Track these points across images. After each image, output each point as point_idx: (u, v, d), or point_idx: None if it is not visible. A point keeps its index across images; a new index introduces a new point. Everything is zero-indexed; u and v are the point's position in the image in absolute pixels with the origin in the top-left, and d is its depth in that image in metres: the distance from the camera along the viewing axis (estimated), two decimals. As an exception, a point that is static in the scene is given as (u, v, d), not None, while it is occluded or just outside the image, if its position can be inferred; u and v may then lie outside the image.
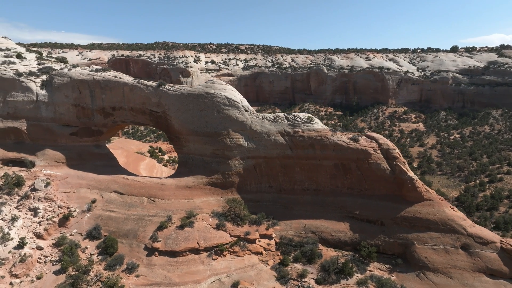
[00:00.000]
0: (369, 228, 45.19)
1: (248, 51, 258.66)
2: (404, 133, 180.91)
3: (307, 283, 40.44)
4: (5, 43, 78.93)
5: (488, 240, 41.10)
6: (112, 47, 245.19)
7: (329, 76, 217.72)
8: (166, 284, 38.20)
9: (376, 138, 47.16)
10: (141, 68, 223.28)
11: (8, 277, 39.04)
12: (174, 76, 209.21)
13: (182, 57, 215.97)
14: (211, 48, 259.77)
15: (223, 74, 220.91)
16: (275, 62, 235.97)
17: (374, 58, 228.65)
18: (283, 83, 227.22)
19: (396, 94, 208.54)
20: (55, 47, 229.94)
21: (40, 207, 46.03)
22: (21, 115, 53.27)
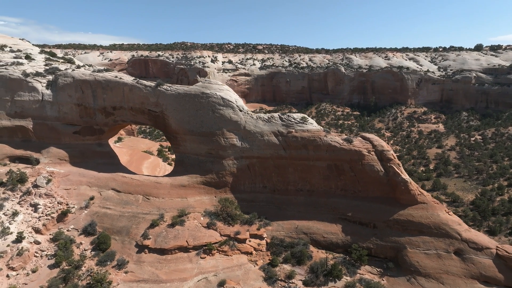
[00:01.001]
0: (361, 230, 44.49)
1: (266, 51, 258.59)
2: (422, 134, 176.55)
3: (294, 284, 40.26)
4: (21, 44, 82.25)
5: (483, 245, 39.69)
6: (133, 48, 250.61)
7: (346, 76, 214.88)
8: (153, 281, 38.89)
9: (370, 139, 46.34)
10: (159, 68, 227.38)
11: (5, 270, 40.73)
12: (192, 76, 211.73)
13: (200, 57, 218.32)
14: (229, 48, 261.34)
15: (240, 74, 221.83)
16: (292, 61, 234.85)
17: (393, 57, 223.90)
18: (300, 83, 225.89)
19: (415, 94, 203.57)
20: (78, 48, 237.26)
21: (40, 203, 47.73)
22: (28, 114, 55.34)
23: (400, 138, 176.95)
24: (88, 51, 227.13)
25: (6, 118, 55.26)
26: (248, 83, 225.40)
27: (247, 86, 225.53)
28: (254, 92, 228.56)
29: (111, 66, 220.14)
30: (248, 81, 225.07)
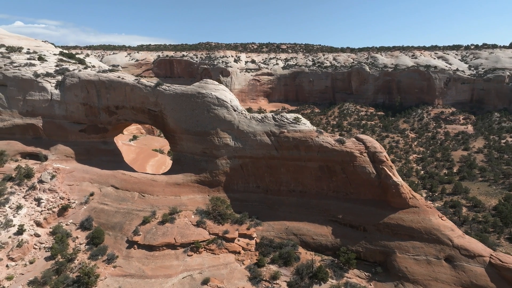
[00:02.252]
0: (351, 233, 43.63)
1: (289, 50, 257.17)
2: (449, 136, 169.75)
3: (278, 285, 40.12)
4: (43, 46, 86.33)
5: (476, 253, 37.90)
6: (159, 48, 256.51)
7: (371, 75, 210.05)
8: (139, 277, 39.93)
9: (364, 140, 45.29)
10: (184, 68, 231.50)
11: (6, 260, 43.09)
12: (215, 76, 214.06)
13: (223, 57, 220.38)
14: (253, 48, 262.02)
15: (263, 73, 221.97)
16: (316, 61, 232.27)
17: (420, 56, 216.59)
18: (323, 83, 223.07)
19: (443, 94, 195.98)
20: (107, 49, 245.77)
21: (43, 197, 50.08)
22: (38, 113, 58.13)
23: (425, 140, 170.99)
24: (117, 52, 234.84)
25: (19, 116, 58.31)
26: (271, 83, 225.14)
27: (270, 86, 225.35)
28: (276, 91, 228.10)
29: (137, 66, 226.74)
30: (270, 80, 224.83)
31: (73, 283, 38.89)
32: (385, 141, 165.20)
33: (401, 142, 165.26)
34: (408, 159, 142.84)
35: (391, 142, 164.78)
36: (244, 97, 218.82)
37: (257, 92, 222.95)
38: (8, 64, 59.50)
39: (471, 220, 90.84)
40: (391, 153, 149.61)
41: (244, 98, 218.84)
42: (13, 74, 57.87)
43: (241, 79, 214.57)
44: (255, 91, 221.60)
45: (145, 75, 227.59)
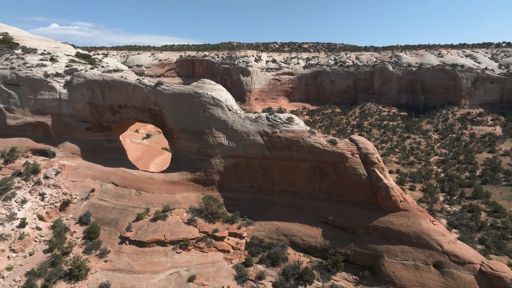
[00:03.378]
0: (341, 235, 42.95)
1: (311, 50, 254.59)
2: (474, 137, 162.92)
3: (263, 285, 40.13)
4: (62, 47, 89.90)
5: (466, 260, 36.42)
6: (182, 48, 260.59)
7: (394, 74, 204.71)
8: (127, 271, 41.01)
9: (356, 141, 44.42)
10: (205, 68, 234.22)
11: (8, 251, 45.35)
12: (235, 76, 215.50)
13: (244, 56, 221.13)
14: (274, 47, 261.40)
15: (284, 73, 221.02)
16: (338, 60, 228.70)
17: (447, 54, 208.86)
18: (345, 82, 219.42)
19: (470, 94, 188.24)
20: (132, 49, 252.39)
21: (47, 192, 52.25)
22: (47, 111, 60.64)
23: (449, 141, 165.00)
24: (141, 52, 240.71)
25: (30, 114, 61.03)
26: (292, 82, 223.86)
27: (291, 85, 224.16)
28: (297, 91, 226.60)
29: (160, 66, 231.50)
30: (291, 80, 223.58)
31: (65, 275, 40.48)
32: (405, 142, 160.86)
33: (423, 143, 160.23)
34: (428, 161, 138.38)
35: (412, 143, 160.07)
36: (265, 96, 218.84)
37: (278, 91, 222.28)
38: (21, 64, 62.41)
39: (489, 226, 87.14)
40: (411, 155, 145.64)
41: (265, 97, 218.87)
42: (25, 74, 60.62)
43: (261, 79, 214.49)
44: (275, 91, 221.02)
45: (168, 74, 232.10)
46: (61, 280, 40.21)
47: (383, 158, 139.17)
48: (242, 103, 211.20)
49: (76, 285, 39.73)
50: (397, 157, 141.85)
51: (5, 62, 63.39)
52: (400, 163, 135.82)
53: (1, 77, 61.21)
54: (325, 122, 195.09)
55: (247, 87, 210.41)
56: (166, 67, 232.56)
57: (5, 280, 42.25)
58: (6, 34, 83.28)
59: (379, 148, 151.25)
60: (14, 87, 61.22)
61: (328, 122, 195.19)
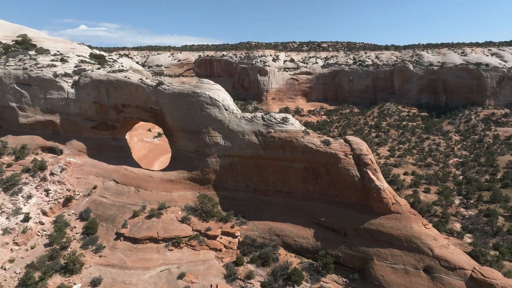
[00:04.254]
0: (332, 237, 42.44)
1: (330, 49, 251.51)
2: (498, 139, 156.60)
3: (252, 284, 40.23)
4: (78, 48, 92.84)
5: (457, 265, 35.27)
6: (201, 48, 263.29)
7: (415, 74, 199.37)
8: (119, 267, 41.99)
9: (350, 142, 43.76)
10: (223, 68, 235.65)
11: (11, 244, 47.32)
12: (252, 75, 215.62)
13: (261, 56, 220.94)
14: (293, 47, 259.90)
15: (301, 72, 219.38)
16: (357, 59, 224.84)
17: (471, 53, 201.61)
18: (364, 81, 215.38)
19: (495, 94, 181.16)
20: (153, 50, 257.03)
21: (52, 188, 54.12)
22: (56, 110, 62.75)
23: (471, 143, 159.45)
24: (161, 52, 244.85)
25: (40, 113, 63.32)
26: (309, 82, 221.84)
27: (308, 85, 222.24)
28: (315, 91, 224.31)
29: (179, 66, 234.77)
30: (309, 79, 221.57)
31: (60, 269, 41.88)
32: (424, 144, 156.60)
33: (443, 144, 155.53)
34: (446, 163, 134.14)
35: (431, 144, 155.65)
36: (282, 96, 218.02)
37: (295, 91, 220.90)
38: (33, 65, 64.84)
39: (505, 231, 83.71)
40: (429, 156, 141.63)
41: (282, 97, 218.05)
42: (36, 74, 62.94)
43: (278, 78, 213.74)
44: (293, 90, 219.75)
45: (186, 74, 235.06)
46: (57, 273, 41.61)
47: (399, 160, 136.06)
48: (259, 102, 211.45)
49: (71, 278, 41.04)
50: (414, 159, 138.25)
51: (18, 63, 66.01)
52: (417, 164, 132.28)
53: (14, 77, 63.77)
54: (342, 122, 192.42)
55: (264, 86, 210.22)
56: (185, 67, 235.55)
57: (7, 272, 44.10)
58: (25, 35, 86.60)
59: (396, 149, 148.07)
60: (26, 86, 63.66)
61: (346, 122, 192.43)
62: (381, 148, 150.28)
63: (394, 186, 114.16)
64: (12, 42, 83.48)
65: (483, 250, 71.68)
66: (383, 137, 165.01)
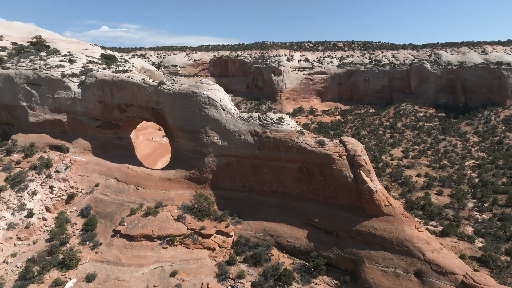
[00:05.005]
0: (325, 238, 42.04)
1: (346, 48, 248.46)
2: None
3: (242, 284, 40.30)
4: (90, 49, 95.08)
5: (448, 270, 34.33)
6: (216, 48, 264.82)
7: (432, 73, 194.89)
8: (114, 263, 42.82)
9: (346, 142, 43.15)
10: (238, 68, 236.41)
11: (15, 239, 48.91)
12: (267, 75, 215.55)
13: (276, 56, 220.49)
14: (308, 46, 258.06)
15: (316, 72, 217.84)
16: (373, 59, 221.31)
17: (492, 51, 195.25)
18: (380, 81, 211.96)
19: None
20: (169, 50, 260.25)
21: (56, 186, 55.62)
22: (63, 110, 64.42)
23: (489, 144, 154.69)
24: (177, 53, 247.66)
25: (49, 112, 65.14)
26: (324, 82, 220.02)
27: (323, 85, 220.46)
28: (330, 90, 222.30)
29: (194, 66, 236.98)
30: (324, 79, 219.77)
31: (58, 264, 43.01)
32: (440, 145, 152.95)
33: (459, 146, 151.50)
34: (462, 165, 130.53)
35: (447, 145, 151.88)
36: (296, 96, 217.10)
37: (310, 91, 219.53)
38: (42, 66, 66.81)
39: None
40: (445, 158, 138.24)
41: (296, 97, 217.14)
42: (45, 74, 64.78)
43: (293, 78, 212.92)
44: (307, 90, 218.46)
45: (201, 74, 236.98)
46: (54, 268, 42.79)
47: (413, 161, 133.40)
48: (273, 102, 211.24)
49: (67, 274, 42.11)
50: (428, 160, 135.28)
51: (29, 64, 68.15)
52: (431, 166, 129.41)
53: (25, 77, 65.83)
54: (357, 123, 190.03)
55: (278, 86, 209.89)
56: (200, 67, 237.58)
57: (9, 265, 45.64)
58: (40, 37, 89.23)
59: (410, 150, 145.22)
60: (36, 86, 65.61)
61: (360, 122, 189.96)
62: (394, 149, 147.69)
63: (405, 188, 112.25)
64: (27, 43, 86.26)
65: (494, 255, 69.54)
66: (398, 138, 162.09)
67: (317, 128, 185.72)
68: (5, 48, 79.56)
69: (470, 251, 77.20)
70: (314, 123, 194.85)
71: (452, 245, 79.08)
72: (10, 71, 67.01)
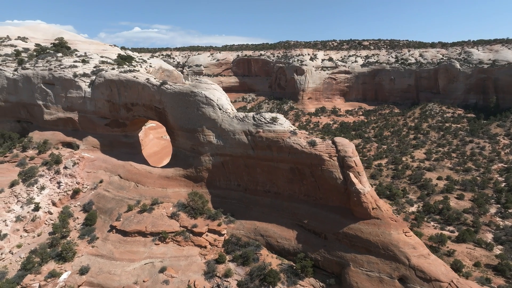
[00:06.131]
0: (313, 240, 41.48)
1: (372, 47, 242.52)
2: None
3: (228, 283, 40.51)
4: (109, 49, 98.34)
5: (432, 277, 33.00)
6: (240, 48, 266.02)
7: (461, 72, 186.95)
8: (107, 258, 44.15)
9: (337, 143, 42.32)
10: (260, 67, 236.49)
11: (21, 231, 51.44)
12: (289, 74, 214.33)
13: (299, 55, 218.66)
14: (333, 45, 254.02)
15: (340, 71, 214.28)
16: (400, 57, 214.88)
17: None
18: (406, 81, 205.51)
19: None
20: (193, 50, 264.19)
21: (63, 181, 57.96)
22: (75, 108, 67.01)
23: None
24: (201, 53, 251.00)
25: (62, 111, 67.96)
26: (348, 81, 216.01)
27: (347, 84, 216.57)
28: (354, 90, 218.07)
29: (218, 65, 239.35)
30: (348, 79, 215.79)
31: (56, 256, 44.86)
32: (466, 147, 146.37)
33: (488, 148, 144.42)
34: (489, 169, 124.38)
35: (474, 148, 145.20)
36: (319, 95, 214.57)
37: (333, 91, 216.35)
38: (57, 66, 69.76)
39: (544, 245, 76.29)
40: (470, 161, 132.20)
41: (319, 97, 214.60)
42: (59, 74, 67.62)
43: (315, 78, 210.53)
44: (330, 90, 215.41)
45: (225, 74, 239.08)
46: (52, 260, 44.66)
47: (435, 163, 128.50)
48: (295, 102, 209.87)
49: (63, 266, 43.85)
50: (452, 163, 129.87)
51: (45, 64, 71.32)
52: (454, 169, 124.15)
53: (41, 77, 69.00)
54: (380, 123, 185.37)
55: (301, 86, 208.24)
56: (223, 67, 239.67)
57: (13, 256, 48.10)
58: (61, 38, 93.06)
59: (433, 152, 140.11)
60: (51, 86, 68.60)
61: (383, 123, 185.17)
62: (417, 151, 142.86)
63: (424, 191, 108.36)
64: (50, 44, 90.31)
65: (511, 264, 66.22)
66: (422, 139, 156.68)
67: (339, 128, 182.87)
68: (28, 50, 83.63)
69: (486, 259, 73.58)
70: (336, 123, 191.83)
71: (467, 252, 75.68)
72: (28, 71, 70.41)
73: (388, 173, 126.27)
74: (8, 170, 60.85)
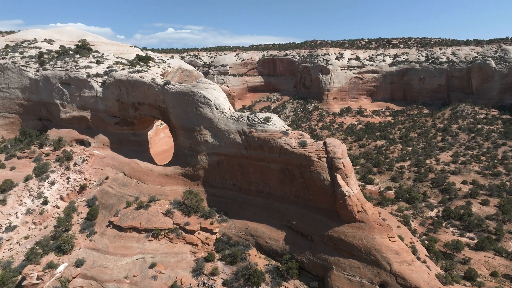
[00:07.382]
0: (300, 241, 40.89)
1: (401, 46, 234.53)
2: None
3: (214, 281, 40.73)
4: (129, 50, 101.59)
5: (413, 284, 31.67)
6: (266, 48, 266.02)
7: (497, 71, 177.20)
8: (102, 252, 45.62)
9: (327, 144, 41.39)
10: (286, 67, 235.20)
11: (30, 223, 54.20)
12: (314, 74, 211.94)
13: (324, 54, 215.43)
14: (360, 44, 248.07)
15: (366, 71, 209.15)
16: (430, 56, 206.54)
17: None
18: (436, 80, 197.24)
19: None
20: (220, 50, 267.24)
21: (72, 177, 60.45)
22: (88, 107, 69.69)
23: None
24: (227, 53, 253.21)
25: (76, 109, 70.88)
26: (375, 81, 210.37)
27: (374, 84, 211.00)
28: (381, 90, 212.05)
29: (243, 65, 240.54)
30: (375, 78, 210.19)
31: (55, 248, 46.89)
32: (498, 150, 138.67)
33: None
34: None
35: (507, 151, 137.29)
36: (344, 95, 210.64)
37: (359, 90, 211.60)
38: (73, 66, 72.85)
39: None
40: (501, 165, 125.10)
41: (344, 96, 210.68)
42: (74, 75, 70.60)
43: (341, 77, 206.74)
44: (356, 90, 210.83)
45: (250, 73, 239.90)
46: (52, 252, 46.68)
47: (461, 167, 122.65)
48: (320, 102, 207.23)
49: (61, 258, 45.75)
50: (480, 166, 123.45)
51: (63, 65, 74.66)
52: (482, 173, 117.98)
53: (58, 77, 72.34)
54: (407, 124, 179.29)
55: (326, 85, 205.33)
56: (248, 67, 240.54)
57: (20, 246, 50.81)
58: (84, 40, 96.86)
59: (461, 154, 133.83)
60: (67, 85, 71.75)
61: (410, 124, 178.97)
62: (443, 154, 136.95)
63: (446, 195, 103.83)
64: (74, 46, 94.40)
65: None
66: (450, 141, 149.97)
67: (363, 129, 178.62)
68: (51, 51, 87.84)
69: (505, 269, 69.61)
70: (361, 123, 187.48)
71: (484, 260, 71.91)
72: (48, 72, 74.01)
73: (410, 175, 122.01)
74: (25, 165, 64.33)
